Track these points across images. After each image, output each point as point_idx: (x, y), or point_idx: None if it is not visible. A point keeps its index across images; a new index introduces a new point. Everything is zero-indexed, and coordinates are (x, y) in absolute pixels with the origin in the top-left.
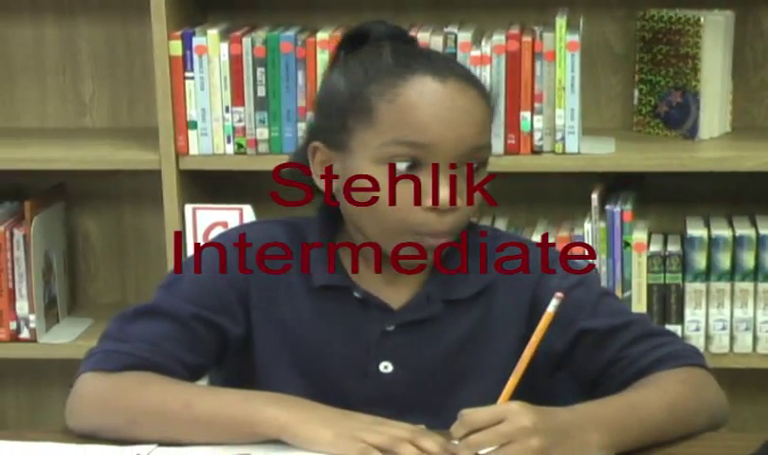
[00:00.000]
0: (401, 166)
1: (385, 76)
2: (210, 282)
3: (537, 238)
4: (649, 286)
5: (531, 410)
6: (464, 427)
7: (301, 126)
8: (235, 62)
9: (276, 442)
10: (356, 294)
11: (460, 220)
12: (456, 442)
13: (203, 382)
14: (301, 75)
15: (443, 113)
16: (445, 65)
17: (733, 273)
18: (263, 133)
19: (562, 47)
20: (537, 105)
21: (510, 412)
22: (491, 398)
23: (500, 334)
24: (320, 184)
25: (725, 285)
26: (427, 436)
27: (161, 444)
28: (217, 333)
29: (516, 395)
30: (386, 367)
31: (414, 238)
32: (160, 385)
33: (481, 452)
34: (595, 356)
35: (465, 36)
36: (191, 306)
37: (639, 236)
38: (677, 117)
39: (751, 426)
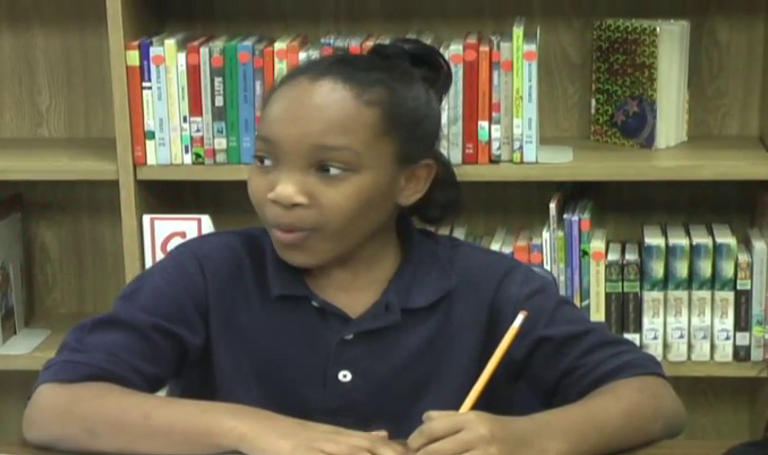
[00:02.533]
0: (258, 160)
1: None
2: (169, 292)
3: (495, 247)
4: (607, 295)
5: (489, 420)
6: (422, 437)
7: None
8: (193, 72)
9: (235, 452)
10: (314, 303)
11: (310, 218)
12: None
13: (162, 393)
14: (258, 85)
15: (287, 109)
16: (333, 67)
17: (690, 282)
18: (221, 143)
19: (520, 57)
20: (494, 115)
21: (468, 422)
22: (451, 406)
23: (459, 342)
24: None
25: (683, 294)
26: (386, 445)
27: (122, 453)
28: (176, 343)
29: (476, 404)
30: (345, 376)
31: (271, 232)
32: (119, 396)
33: None
34: (553, 365)
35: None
36: (149, 316)
37: (597, 245)
38: (634, 126)
39: (709, 433)
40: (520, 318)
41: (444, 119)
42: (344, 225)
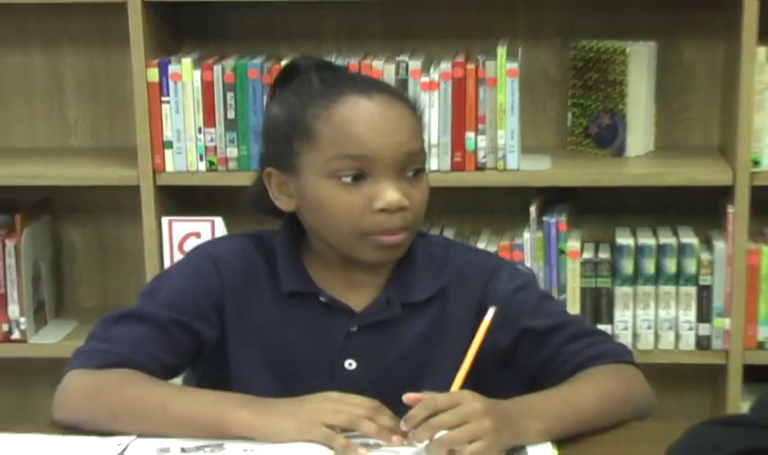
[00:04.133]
0: (347, 177)
1: (317, 99)
2: (187, 290)
3: (482, 246)
4: (583, 290)
5: (482, 398)
6: (425, 410)
7: None
8: (207, 87)
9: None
10: (322, 299)
11: (409, 217)
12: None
13: (178, 380)
14: (266, 99)
15: (376, 124)
16: (368, 83)
17: (657, 278)
18: (232, 151)
19: (503, 74)
20: (480, 126)
21: (465, 397)
22: (446, 390)
23: (453, 333)
24: (280, 204)
25: (651, 289)
26: (383, 412)
27: (142, 434)
28: (193, 336)
29: (467, 389)
30: (350, 364)
31: (372, 239)
32: (139, 384)
33: (439, 435)
34: (536, 353)
35: (415, 64)
36: (169, 312)
37: (573, 244)
38: (606, 137)
39: (675, 415)
40: (491, 311)
41: (434, 131)
42: (420, 222)
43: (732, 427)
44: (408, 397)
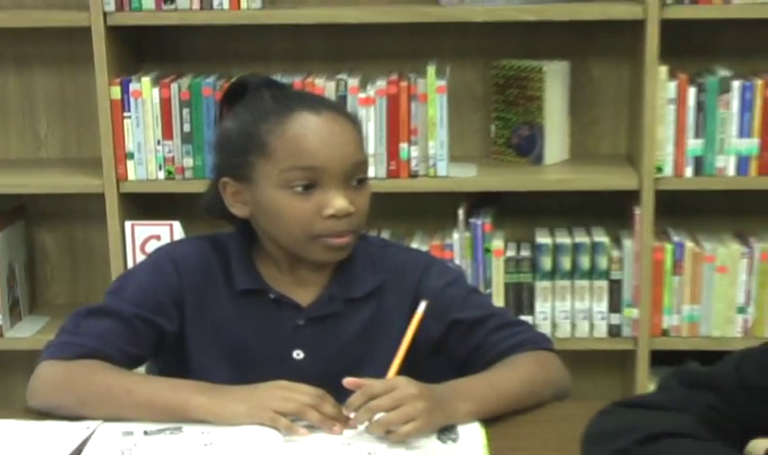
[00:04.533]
0: (299, 187)
1: (270, 116)
2: (150, 288)
3: (415, 245)
4: (506, 284)
5: (415, 383)
6: (363, 396)
7: None
8: (165, 103)
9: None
10: (272, 295)
11: (355, 221)
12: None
13: (141, 369)
14: (218, 113)
15: (325, 139)
16: (316, 101)
17: (573, 273)
18: (188, 162)
19: (433, 91)
20: (413, 138)
21: (400, 383)
22: (383, 378)
23: (390, 325)
24: (235, 211)
25: (567, 283)
26: (327, 400)
27: (106, 420)
28: (155, 330)
29: (403, 375)
30: (298, 354)
31: (322, 242)
32: (106, 373)
33: (377, 417)
34: (464, 342)
35: (353, 82)
36: (133, 308)
37: (497, 244)
38: (526, 146)
39: (590, 396)
40: (422, 305)
41: (371, 142)
42: (364, 225)
43: (641, 410)
44: (348, 381)
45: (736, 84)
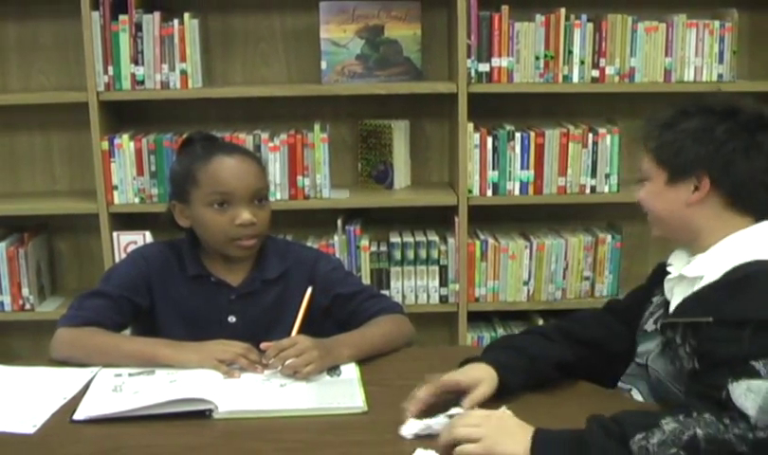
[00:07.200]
0: (217, 205)
1: (200, 159)
2: (127, 276)
3: (309, 244)
4: (371, 270)
5: (311, 338)
6: (276, 349)
7: None
8: (138, 152)
9: (170, 366)
10: (212, 279)
11: (258, 229)
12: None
13: (126, 332)
14: (174, 159)
15: (235, 172)
16: (231, 147)
17: (415, 261)
18: (155, 191)
19: (319, 141)
20: (306, 172)
21: (300, 339)
22: (288, 337)
23: (293, 299)
24: (181, 223)
25: (411, 268)
26: (252, 352)
27: (105, 366)
28: (134, 305)
29: (303, 333)
30: (232, 319)
31: (235, 243)
32: (101, 335)
33: (286, 363)
34: (344, 309)
35: (265, 135)
36: (118, 290)
37: (364, 243)
38: (382, 177)
39: (427, 344)
40: (309, 288)
41: (278, 175)
42: (266, 231)
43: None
44: (263, 345)
45: (518, 135)
